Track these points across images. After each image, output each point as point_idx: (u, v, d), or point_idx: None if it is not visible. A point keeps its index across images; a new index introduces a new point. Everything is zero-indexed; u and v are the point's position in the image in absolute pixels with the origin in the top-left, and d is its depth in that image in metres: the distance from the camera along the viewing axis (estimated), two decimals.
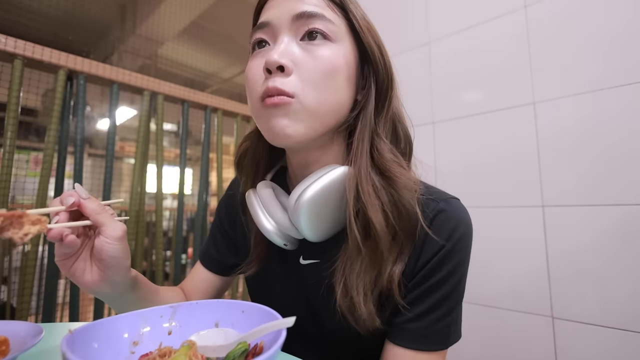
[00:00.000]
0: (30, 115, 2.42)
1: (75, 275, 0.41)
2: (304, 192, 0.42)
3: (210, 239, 0.65)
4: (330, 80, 0.42)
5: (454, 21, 1.17)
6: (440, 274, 0.43)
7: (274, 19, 0.43)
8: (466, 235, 0.45)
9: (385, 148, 0.44)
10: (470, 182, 1.08)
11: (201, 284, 0.62)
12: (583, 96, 0.92)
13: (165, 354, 0.32)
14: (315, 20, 0.42)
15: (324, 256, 0.49)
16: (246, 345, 0.31)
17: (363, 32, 0.44)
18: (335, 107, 0.43)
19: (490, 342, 1.01)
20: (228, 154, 1.90)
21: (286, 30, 0.43)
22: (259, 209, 0.47)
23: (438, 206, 0.45)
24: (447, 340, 0.44)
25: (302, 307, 0.51)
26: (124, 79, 1.20)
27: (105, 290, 0.43)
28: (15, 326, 0.36)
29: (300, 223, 0.42)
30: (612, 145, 0.87)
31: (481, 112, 1.10)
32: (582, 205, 0.90)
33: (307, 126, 0.42)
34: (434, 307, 0.43)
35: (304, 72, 0.41)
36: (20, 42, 0.98)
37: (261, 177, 0.54)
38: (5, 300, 1.68)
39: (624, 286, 0.83)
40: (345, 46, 0.44)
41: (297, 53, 0.42)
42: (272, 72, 0.41)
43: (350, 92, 0.45)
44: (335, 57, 0.42)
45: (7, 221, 0.33)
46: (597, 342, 0.85)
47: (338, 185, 0.43)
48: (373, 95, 0.45)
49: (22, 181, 1.83)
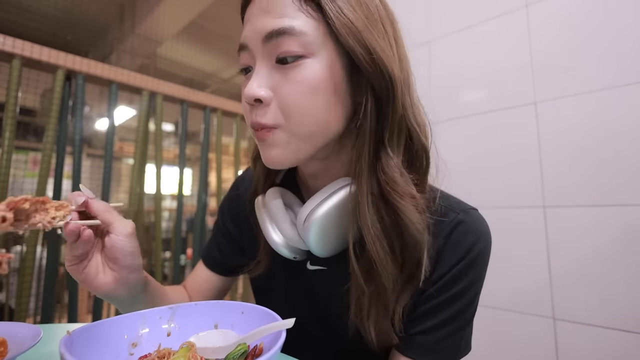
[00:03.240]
0: (29, 115, 2.41)
1: (88, 279, 0.40)
2: (314, 212, 0.41)
3: (213, 239, 0.64)
4: (311, 101, 0.38)
5: (455, 20, 1.17)
6: (456, 288, 0.42)
7: (250, 41, 0.40)
8: (485, 249, 0.43)
9: (392, 163, 0.39)
10: (470, 183, 1.08)
11: (203, 285, 0.61)
12: (584, 96, 0.92)
13: (164, 355, 0.31)
14: (284, 39, 0.38)
15: (331, 265, 0.48)
16: (246, 347, 0.31)
17: (341, 36, 0.38)
18: (323, 125, 0.40)
19: (491, 343, 1.01)
20: (227, 154, 1.90)
21: (260, 54, 0.40)
22: (268, 222, 0.46)
23: (457, 218, 0.43)
24: (457, 353, 0.43)
25: (308, 312, 0.51)
26: (123, 78, 1.19)
27: (120, 291, 0.41)
28: (14, 327, 0.35)
29: (309, 240, 0.42)
30: (614, 145, 0.87)
31: (482, 112, 1.09)
32: (583, 205, 0.90)
33: (296, 150, 0.40)
34: (447, 322, 0.42)
35: (283, 99, 0.39)
36: (19, 42, 0.98)
37: (273, 176, 0.53)
38: (4, 301, 1.67)
39: (625, 287, 0.83)
40: (326, 57, 0.39)
41: (273, 79, 0.39)
42: (253, 105, 0.40)
43: (341, 104, 0.40)
44: (313, 76, 0.38)
45: (33, 207, 0.32)
46: (598, 343, 0.85)
47: (346, 206, 0.41)
48: (371, 103, 0.39)
49: (20, 182, 1.82)
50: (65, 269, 0.46)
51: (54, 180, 1.06)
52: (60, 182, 1.06)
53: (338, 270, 0.46)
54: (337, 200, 0.41)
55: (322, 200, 0.41)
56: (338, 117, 0.41)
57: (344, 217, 0.42)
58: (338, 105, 0.40)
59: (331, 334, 0.49)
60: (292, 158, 0.41)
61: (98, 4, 2.32)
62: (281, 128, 0.39)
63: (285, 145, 0.40)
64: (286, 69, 0.39)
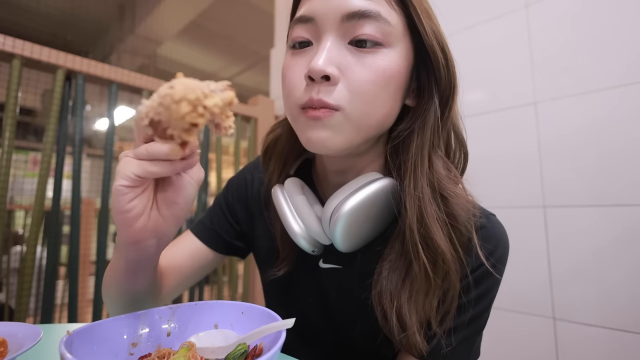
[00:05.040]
0: (29, 115, 2.41)
1: (129, 213, 0.31)
2: (343, 204, 0.39)
3: (211, 210, 0.59)
4: (381, 92, 0.38)
5: (455, 21, 1.17)
6: (473, 294, 0.41)
7: (320, 15, 0.38)
8: (504, 257, 0.43)
9: (440, 163, 0.40)
10: (470, 183, 1.08)
11: (186, 258, 0.54)
12: (584, 96, 0.92)
13: (164, 355, 0.31)
14: (368, 22, 0.36)
15: (346, 263, 0.47)
16: (246, 347, 0.31)
17: (427, 35, 0.38)
18: (381, 119, 0.39)
19: (491, 343, 1.01)
20: (227, 154, 1.90)
21: (333, 30, 0.37)
22: (288, 212, 0.44)
23: (478, 222, 0.42)
24: (468, 359, 0.43)
25: (316, 311, 0.49)
26: (123, 78, 1.19)
27: (149, 241, 0.34)
28: (14, 327, 0.35)
29: (336, 235, 0.40)
30: (614, 145, 0.87)
31: (482, 112, 1.09)
32: (583, 205, 0.90)
33: (348, 139, 0.38)
34: (460, 327, 0.41)
35: (353, 82, 0.37)
36: (19, 42, 0.98)
37: (288, 169, 0.51)
38: (4, 301, 1.68)
39: (625, 287, 0.83)
40: (401, 50, 0.38)
41: (345, 59, 0.37)
42: (316, 81, 0.37)
43: (399, 100, 0.41)
44: (389, 66, 0.37)
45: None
46: (598, 343, 0.85)
47: (379, 199, 0.40)
48: (434, 107, 0.40)
49: (20, 182, 1.82)
50: (65, 269, 0.44)
51: (54, 180, 1.05)
52: (60, 182, 1.06)
53: (354, 270, 0.45)
54: (369, 193, 0.39)
55: (351, 193, 0.40)
56: (394, 114, 0.41)
57: (374, 212, 0.41)
58: (398, 102, 0.41)
59: (338, 334, 0.49)
60: (342, 145, 0.39)
61: (98, 4, 2.32)
62: (342, 111, 0.37)
63: (339, 130, 0.38)
64: (361, 53, 0.37)
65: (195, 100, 0.25)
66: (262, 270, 0.56)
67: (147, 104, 0.27)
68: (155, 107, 0.26)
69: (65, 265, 1.16)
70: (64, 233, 1.13)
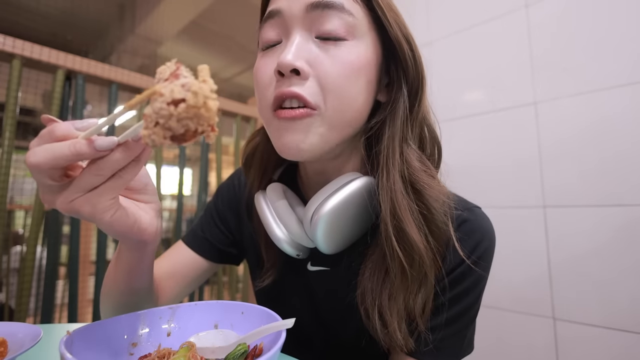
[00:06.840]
0: (29, 115, 2.41)
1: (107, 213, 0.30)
2: (323, 205, 0.38)
3: (202, 218, 0.59)
4: (352, 85, 0.37)
5: (455, 21, 1.17)
6: (460, 287, 0.41)
7: (286, 8, 0.38)
8: (490, 249, 0.43)
9: (413, 156, 0.40)
10: (470, 183, 1.08)
11: (181, 268, 0.54)
12: (584, 96, 0.92)
13: (164, 355, 0.31)
14: (332, 14, 0.36)
15: (334, 264, 0.47)
16: (245, 347, 0.31)
17: (391, 26, 0.38)
18: (355, 115, 0.39)
19: (491, 343, 1.01)
20: (227, 154, 1.90)
21: (299, 23, 0.37)
22: (270, 217, 0.44)
23: (461, 216, 0.42)
24: (460, 353, 0.43)
25: (307, 313, 0.50)
26: (123, 78, 1.19)
27: (153, 242, 0.35)
28: (14, 327, 0.35)
29: (317, 236, 0.39)
30: (615, 145, 0.87)
31: (482, 112, 1.09)
32: (583, 205, 0.90)
33: (324, 140, 0.38)
34: (451, 321, 0.41)
35: (324, 77, 0.36)
36: (19, 42, 0.98)
37: (269, 176, 0.50)
38: (4, 301, 1.68)
39: (625, 287, 0.83)
40: (368, 43, 0.39)
41: (313, 53, 0.37)
42: (286, 75, 0.37)
43: (371, 94, 0.40)
44: (358, 58, 0.37)
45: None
46: (598, 343, 0.85)
47: (358, 198, 0.40)
48: (404, 98, 0.40)
49: (20, 182, 1.82)
50: (65, 269, 0.44)
51: None
52: None
53: (341, 271, 0.45)
54: (348, 193, 0.39)
55: (330, 194, 0.40)
56: (367, 109, 0.41)
57: (354, 211, 0.40)
58: (370, 96, 0.41)
59: (329, 335, 0.49)
60: (317, 147, 0.38)
61: (98, 4, 2.32)
62: (319, 112, 0.37)
63: (314, 130, 0.37)
64: (328, 46, 0.37)
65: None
66: (252, 278, 0.56)
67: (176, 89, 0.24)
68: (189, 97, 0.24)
69: (65, 265, 1.16)
70: (64, 233, 1.13)
